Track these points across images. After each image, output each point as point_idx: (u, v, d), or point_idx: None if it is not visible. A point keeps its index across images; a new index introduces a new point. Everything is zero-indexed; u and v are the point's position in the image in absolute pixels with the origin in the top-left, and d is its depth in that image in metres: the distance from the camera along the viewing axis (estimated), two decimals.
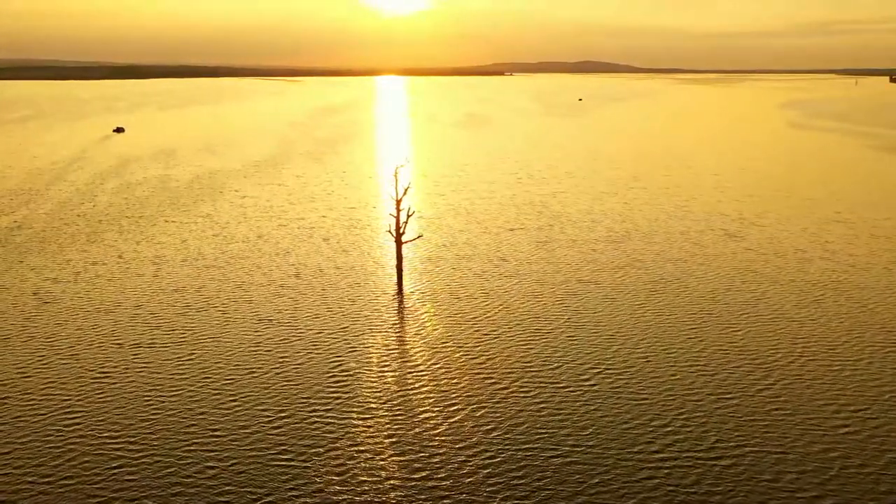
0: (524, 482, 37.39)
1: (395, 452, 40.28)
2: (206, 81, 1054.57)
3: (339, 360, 52.66)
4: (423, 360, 52.70)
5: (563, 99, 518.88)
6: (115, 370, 50.94)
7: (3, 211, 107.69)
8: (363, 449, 40.62)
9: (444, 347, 54.95)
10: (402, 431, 42.51)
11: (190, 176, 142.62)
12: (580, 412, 44.63)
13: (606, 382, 48.76)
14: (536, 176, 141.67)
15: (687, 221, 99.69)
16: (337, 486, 37.16)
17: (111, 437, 41.88)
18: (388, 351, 54.29)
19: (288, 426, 43.03)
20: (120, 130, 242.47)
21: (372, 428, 42.89)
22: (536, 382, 48.71)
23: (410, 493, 36.60)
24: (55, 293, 68.02)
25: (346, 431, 42.47)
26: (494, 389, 47.74)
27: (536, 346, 55.17)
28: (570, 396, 46.72)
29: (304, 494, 36.37)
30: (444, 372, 50.54)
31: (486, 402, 46.07)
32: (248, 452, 40.19)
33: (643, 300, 65.90)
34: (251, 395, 47.05)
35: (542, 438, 41.53)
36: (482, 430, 42.61)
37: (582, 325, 59.72)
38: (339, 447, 40.77)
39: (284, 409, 45.16)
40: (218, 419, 43.84)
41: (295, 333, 57.76)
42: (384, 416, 44.39)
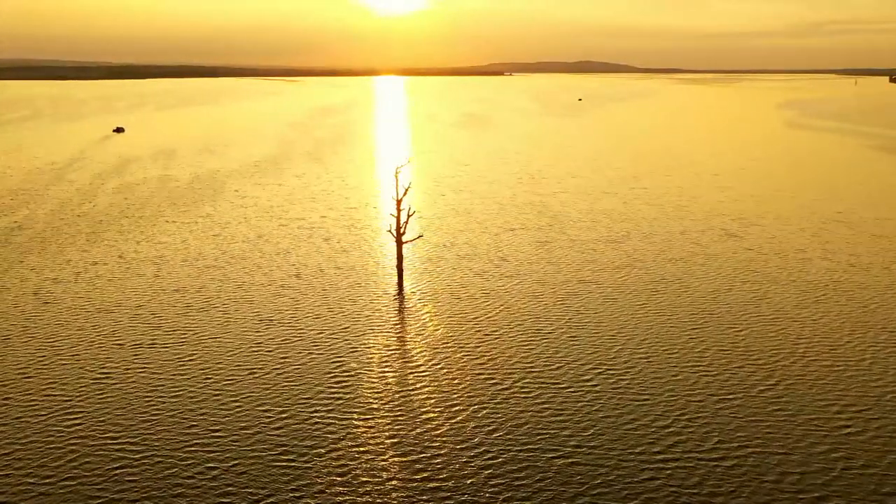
0: (526, 483, 37.32)
1: (396, 453, 40.20)
2: (205, 81, 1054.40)
3: (339, 360, 52.59)
4: (423, 360, 52.63)
5: (562, 99, 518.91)
6: (115, 370, 50.86)
7: (3, 211, 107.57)
8: (364, 449, 40.55)
9: (444, 347, 54.88)
10: (403, 432, 42.44)
11: (190, 176, 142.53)
12: (582, 413, 44.56)
13: (608, 383, 48.70)
14: (537, 176, 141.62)
15: (687, 221, 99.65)
16: (338, 486, 37.09)
17: (112, 437, 41.80)
18: (388, 351, 54.22)
19: (289, 426, 42.95)
20: (120, 130, 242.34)
21: (373, 428, 42.82)
22: (538, 383, 48.65)
23: (412, 493, 36.53)
24: (55, 293, 67.93)
25: (347, 432, 42.40)
26: (496, 390, 47.67)
27: (537, 346, 55.11)
28: (571, 397, 46.65)
29: (305, 495, 36.29)
30: (445, 372, 50.47)
31: (487, 402, 46.00)
32: (249, 453, 40.11)
33: (644, 300, 65.84)
34: (252, 395, 46.97)
35: (543, 439, 41.46)
36: (484, 430, 42.54)
37: (583, 325, 59.66)
38: (340, 447, 40.70)
39: (285, 409, 45.08)
40: (219, 419, 43.76)
41: (296, 333, 57.68)
42: (385, 416, 44.32)
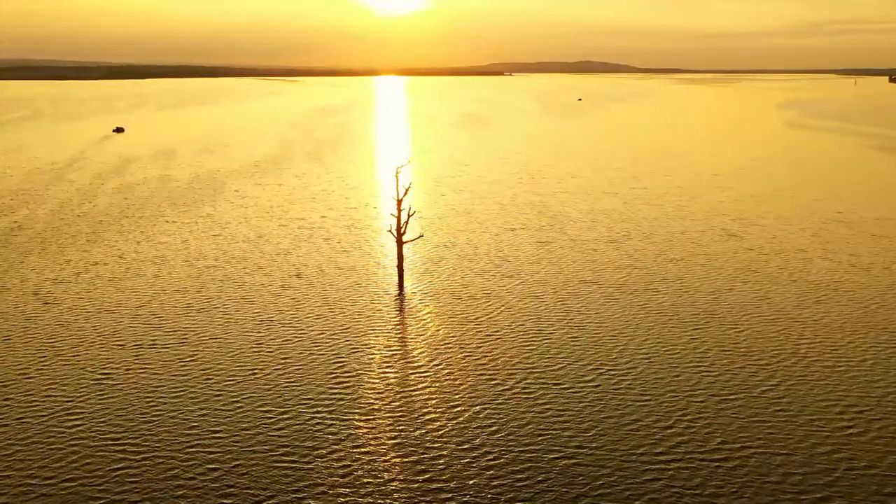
0: (527, 484, 37.27)
1: (397, 453, 40.15)
2: (205, 81, 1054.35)
3: (340, 360, 52.53)
4: (424, 360, 52.57)
5: (562, 99, 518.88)
6: (116, 371, 50.80)
7: (3, 211, 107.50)
8: (366, 450, 40.49)
9: (445, 348, 54.82)
10: (404, 432, 42.38)
11: (190, 176, 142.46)
12: (583, 413, 44.51)
13: (609, 383, 48.65)
14: (537, 176, 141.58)
15: (687, 221, 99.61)
16: (340, 486, 37.03)
17: (113, 438, 41.73)
18: (389, 351, 54.16)
19: (290, 427, 42.89)
20: (119, 130, 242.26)
21: (374, 429, 42.76)
22: (539, 383, 48.59)
23: (413, 494, 36.47)
24: (56, 293, 67.86)
25: (348, 432, 42.34)
26: (497, 390, 47.61)
27: (538, 346, 55.05)
28: (573, 397, 46.60)
29: (307, 496, 36.24)
30: (446, 372, 50.41)
31: (488, 402, 45.95)
32: (250, 453, 40.05)
33: (645, 300, 65.79)
34: (253, 395, 46.91)
35: (545, 439, 41.40)
36: (485, 431, 42.48)
37: (584, 325, 59.61)
38: (341, 448, 40.64)
39: (286, 409, 45.02)
40: (220, 420, 43.70)
41: (296, 334, 57.63)
42: (387, 416, 44.26)
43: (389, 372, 50.60)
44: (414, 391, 47.68)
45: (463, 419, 43.87)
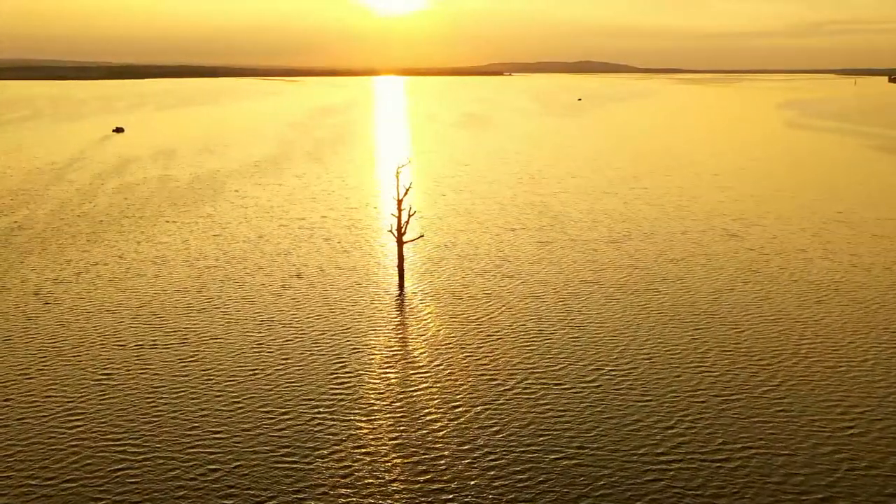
0: (529, 484, 37.22)
1: (398, 454, 40.09)
2: (204, 81, 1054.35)
3: (341, 360, 52.48)
4: (425, 360, 52.53)
5: (562, 99, 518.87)
6: (117, 371, 50.75)
7: (3, 211, 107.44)
8: (367, 450, 40.43)
9: (446, 348, 54.77)
10: (405, 433, 42.33)
11: (190, 176, 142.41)
12: (585, 414, 44.46)
13: (610, 384, 48.60)
14: (537, 176, 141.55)
15: (688, 221, 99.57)
16: (341, 487, 36.98)
17: (114, 438, 41.68)
18: (390, 351, 54.11)
19: (291, 427, 42.84)
20: (119, 130, 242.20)
21: (375, 429, 42.71)
22: (540, 383, 48.54)
23: (415, 494, 36.42)
24: (56, 294, 67.81)
25: (349, 432, 42.29)
26: (498, 391, 47.56)
27: (539, 346, 55.00)
28: (574, 398, 46.55)
29: (308, 496, 36.18)
30: (446, 373, 50.36)
31: (489, 402, 45.90)
32: (251, 453, 40.00)
33: (646, 301, 65.74)
34: (254, 395, 46.86)
35: (546, 440, 41.35)
36: (486, 431, 42.43)
37: (585, 325, 59.57)
38: (342, 448, 40.59)
39: (287, 409, 44.97)
40: (221, 420, 43.65)
41: (297, 334, 57.58)
42: (387, 416, 44.21)
43: (390, 372, 50.55)
44: (415, 391, 47.63)
45: (464, 419, 43.81)
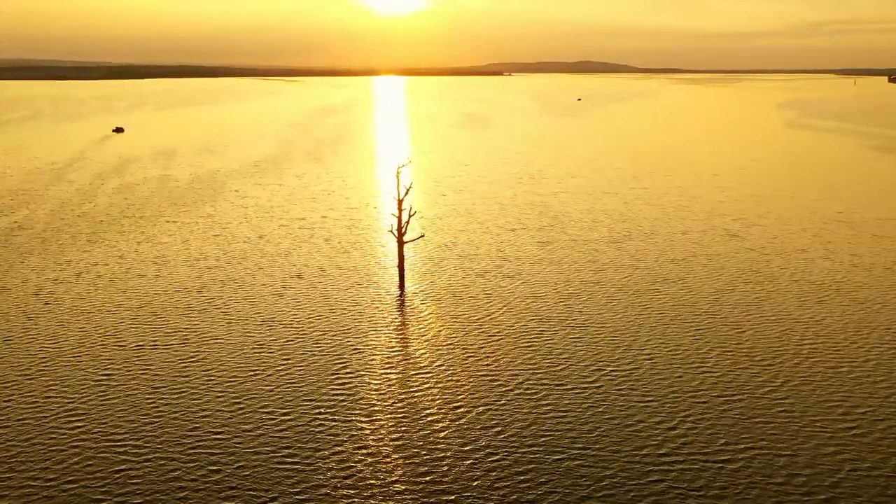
0: (530, 485, 37.15)
1: (400, 454, 40.03)
2: (204, 81, 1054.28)
3: (342, 360, 52.40)
4: (426, 360, 52.46)
5: (562, 99, 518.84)
6: (117, 371, 50.67)
7: (3, 211, 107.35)
8: (368, 451, 40.36)
9: (447, 348, 54.71)
10: (407, 433, 42.26)
11: (190, 176, 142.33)
12: (586, 414, 44.39)
13: (612, 384, 48.53)
14: (537, 176, 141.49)
15: (688, 221, 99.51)
16: (342, 487, 36.91)
17: (114, 438, 41.61)
18: (391, 352, 54.04)
19: (292, 427, 42.77)
20: (119, 130, 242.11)
21: (377, 429, 42.63)
22: (541, 384, 48.47)
23: (416, 495, 36.35)
24: (57, 294, 67.73)
25: (350, 433, 42.22)
26: (499, 391, 47.50)
27: (540, 346, 54.93)
28: (576, 398, 46.48)
29: (309, 497, 36.11)
30: (447, 373, 50.29)
31: (490, 403, 45.83)
32: (252, 454, 39.92)
33: (647, 301, 65.68)
34: (254, 396, 46.79)
35: (548, 440, 41.28)
36: (488, 431, 42.36)
37: (586, 325, 59.50)
38: (343, 448, 40.52)
39: (288, 410, 44.90)
40: (221, 420, 43.57)
41: (297, 334, 57.51)
42: (389, 417, 44.14)
43: (391, 372, 50.47)
44: (416, 392, 47.56)
45: (465, 420, 43.74)
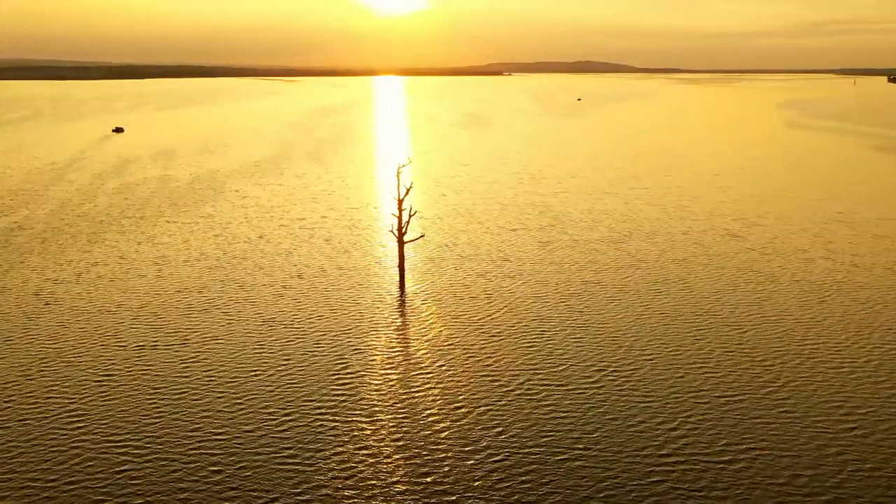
0: (532, 486, 37.09)
1: (401, 454, 39.97)
2: (204, 81, 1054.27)
3: (342, 360, 52.34)
4: (426, 360, 52.40)
5: (561, 99, 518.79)
6: (118, 372, 50.61)
7: (3, 211, 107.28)
8: (369, 451, 40.30)
9: (447, 348, 54.65)
10: (407, 433, 42.21)
11: (190, 176, 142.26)
12: (588, 415, 44.33)
13: (613, 384, 48.48)
14: (537, 176, 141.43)
15: (689, 221, 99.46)
16: (343, 488, 36.85)
17: (115, 438, 41.55)
18: (391, 352, 53.98)
19: (292, 428, 42.71)
20: (119, 130, 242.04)
21: (377, 429, 42.57)
22: (542, 384, 48.42)
23: (417, 495, 36.29)
24: (57, 294, 67.66)
25: (351, 433, 42.16)
26: (500, 391, 47.44)
27: (541, 347, 54.88)
28: (577, 398, 46.43)
29: (310, 497, 36.05)
30: (448, 373, 50.23)
31: (491, 403, 45.77)
32: (253, 454, 39.86)
33: (647, 301, 65.63)
34: (255, 396, 46.73)
35: (549, 441, 41.23)
36: (489, 432, 42.30)
37: (586, 325, 59.44)
38: (344, 449, 40.46)
39: (289, 410, 44.84)
40: (222, 421, 43.51)
41: (298, 334, 57.45)
42: (389, 417, 44.08)
43: (391, 372, 50.42)
44: (417, 392, 47.50)
45: (466, 420, 43.69)
